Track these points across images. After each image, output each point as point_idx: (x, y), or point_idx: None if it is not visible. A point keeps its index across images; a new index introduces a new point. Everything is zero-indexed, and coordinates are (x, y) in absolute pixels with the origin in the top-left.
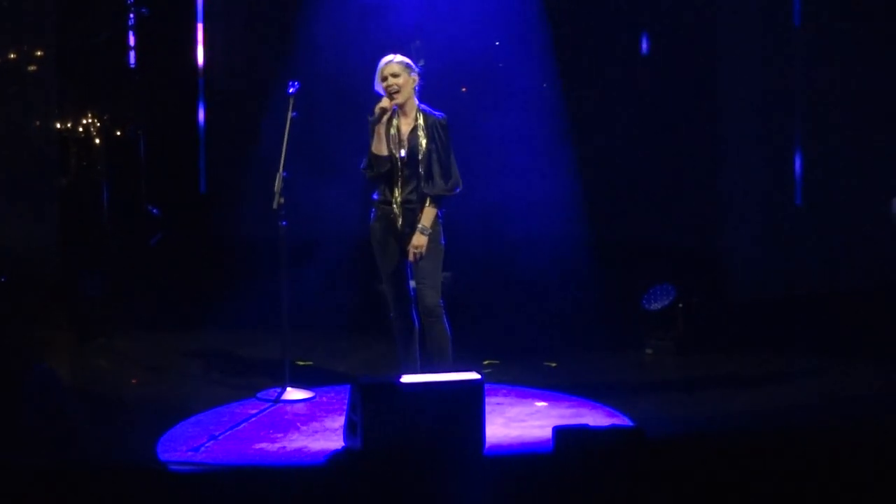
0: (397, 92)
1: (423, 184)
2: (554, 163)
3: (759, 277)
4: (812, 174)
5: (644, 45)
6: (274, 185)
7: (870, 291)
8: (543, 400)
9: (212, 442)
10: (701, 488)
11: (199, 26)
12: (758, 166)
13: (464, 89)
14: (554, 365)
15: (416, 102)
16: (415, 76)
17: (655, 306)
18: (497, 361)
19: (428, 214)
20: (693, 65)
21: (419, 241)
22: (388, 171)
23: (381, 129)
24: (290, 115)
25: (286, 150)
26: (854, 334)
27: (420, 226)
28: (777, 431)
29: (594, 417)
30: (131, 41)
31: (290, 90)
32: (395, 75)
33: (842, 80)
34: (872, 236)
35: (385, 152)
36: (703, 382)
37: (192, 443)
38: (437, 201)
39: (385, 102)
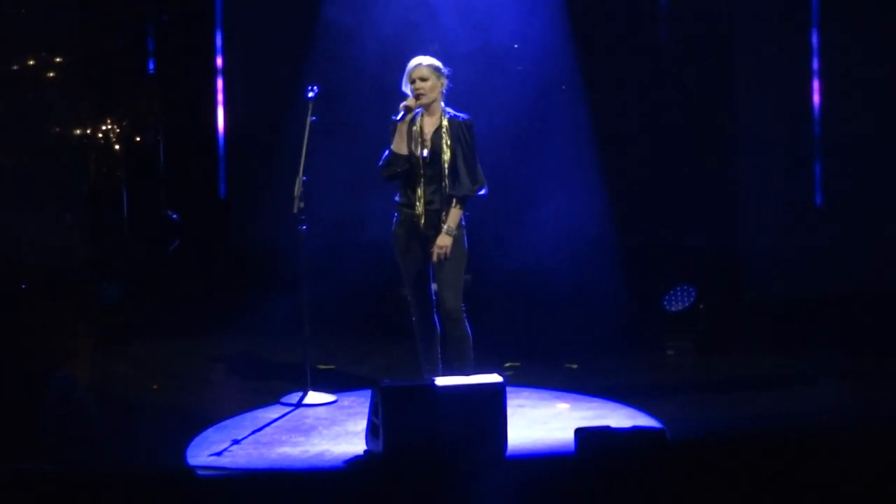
0: (424, 95)
1: (448, 185)
2: (574, 165)
3: (779, 278)
4: (832, 174)
5: (662, 45)
6: (294, 190)
7: (892, 292)
8: (565, 402)
9: (234, 446)
10: (723, 489)
11: (218, 31)
12: (777, 167)
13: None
14: (575, 367)
15: (443, 105)
16: (444, 80)
17: (676, 308)
18: (518, 363)
19: (454, 215)
20: (710, 66)
21: (444, 241)
22: (409, 172)
23: (404, 127)
24: (309, 119)
25: (306, 154)
26: (876, 335)
27: (446, 226)
28: (798, 433)
29: (616, 419)
30: (150, 47)
31: (310, 94)
32: (423, 79)
33: (862, 77)
34: (893, 236)
35: (405, 151)
36: (724, 384)
37: (214, 448)
38: (462, 202)
39: (410, 101)
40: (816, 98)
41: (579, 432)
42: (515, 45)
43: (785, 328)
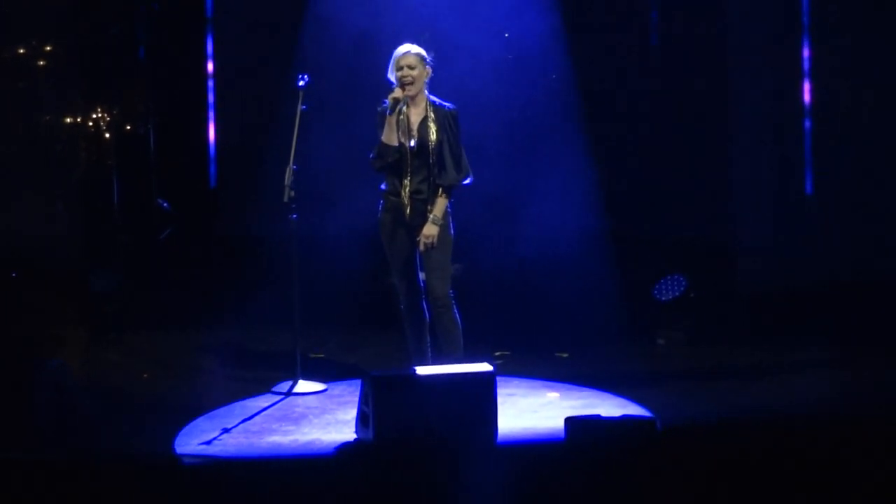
0: (411, 83)
1: (435, 174)
2: (564, 154)
3: (770, 268)
4: (822, 166)
5: (654, 36)
6: (284, 179)
7: (882, 281)
8: (555, 391)
9: (224, 435)
10: (712, 478)
11: (209, 20)
12: (768, 156)
13: None
14: (566, 356)
15: (427, 94)
16: (429, 69)
17: (667, 297)
18: (508, 352)
19: (440, 204)
20: (703, 55)
21: (431, 230)
22: (396, 162)
23: (393, 119)
24: (299, 108)
25: (296, 143)
26: (866, 325)
27: (432, 216)
28: (788, 422)
29: (606, 408)
30: (141, 35)
31: (300, 83)
32: (410, 66)
33: (852, 67)
34: (884, 225)
35: (395, 142)
36: (714, 373)
37: (204, 436)
38: (448, 191)
39: (398, 93)
40: (807, 91)
41: (569, 421)
42: (506, 35)
43: (776, 318)
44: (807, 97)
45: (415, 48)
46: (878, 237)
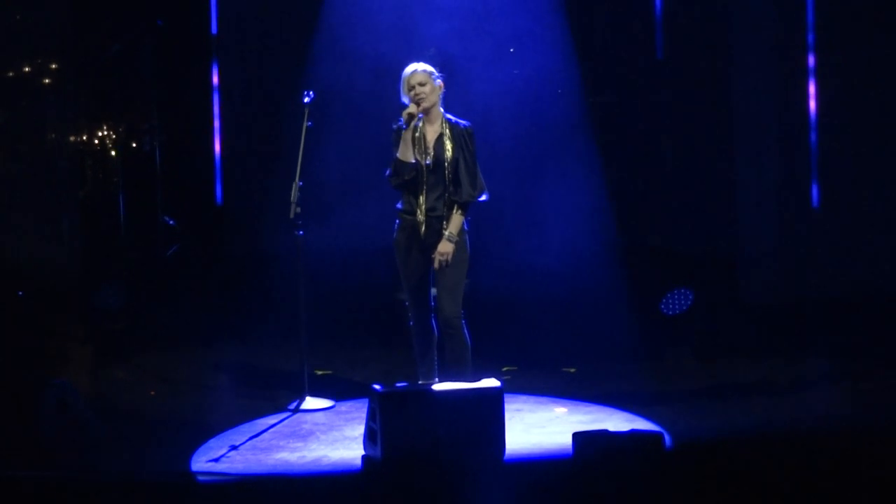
0: (424, 99)
1: (450, 191)
2: (570, 169)
3: (776, 281)
4: (828, 177)
5: (659, 51)
6: (290, 195)
7: (888, 294)
8: (563, 406)
9: (232, 452)
10: (720, 493)
11: (214, 37)
12: (773, 170)
13: None
14: (573, 371)
15: (442, 111)
16: (440, 84)
17: (673, 311)
18: (515, 368)
19: (455, 222)
20: (708, 70)
21: (446, 248)
22: (412, 180)
23: (409, 135)
24: (305, 124)
25: (302, 159)
26: (872, 338)
27: (447, 233)
28: (794, 436)
29: (613, 423)
30: (146, 53)
31: (305, 99)
32: (421, 84)
33: (858, 80)
34: (889, 238)
35: (412, 159)
36: (720, 387)
37: (212, 454)
38: (464, 208)
39: (412, 108)
40: (813, 102)
41: (577, 436)
42: (511, 50)
43: (782, 331)
44: (812, 110)
45: (422, 65)
46: (884, 250)
